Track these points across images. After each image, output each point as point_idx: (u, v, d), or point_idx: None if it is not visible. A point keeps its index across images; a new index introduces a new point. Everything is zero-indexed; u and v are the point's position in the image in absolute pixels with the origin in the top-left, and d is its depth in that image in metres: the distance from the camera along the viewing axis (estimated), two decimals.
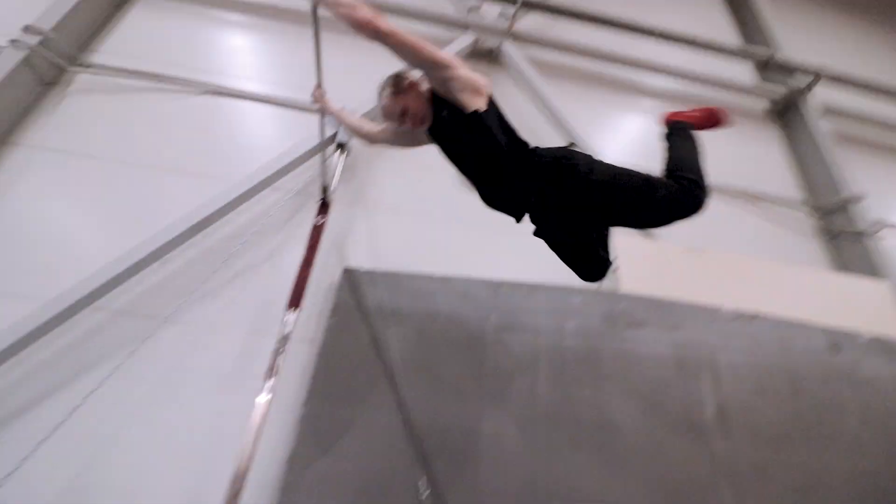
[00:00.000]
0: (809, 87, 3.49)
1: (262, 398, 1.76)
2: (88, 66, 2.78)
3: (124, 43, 2.93)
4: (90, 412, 1.76)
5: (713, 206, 3.00)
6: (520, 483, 1.76)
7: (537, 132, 3.06)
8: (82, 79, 2.75)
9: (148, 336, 1.91)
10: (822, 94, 3.54)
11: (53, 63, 2.68)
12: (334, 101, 1.88)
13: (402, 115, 1.40)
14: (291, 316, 1.96)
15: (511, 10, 3.30)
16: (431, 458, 1.79)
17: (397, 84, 1.42)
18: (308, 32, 1.63)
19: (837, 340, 2.23)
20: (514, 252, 2.58)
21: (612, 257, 1.46)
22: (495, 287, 2.17)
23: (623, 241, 2.45)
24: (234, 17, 3.22)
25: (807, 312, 2.31)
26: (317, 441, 1.79)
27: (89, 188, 2.38)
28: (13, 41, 2.54)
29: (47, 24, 2.64)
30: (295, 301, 2.00)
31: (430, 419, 1.87)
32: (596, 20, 3.36)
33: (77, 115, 2.62)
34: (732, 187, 3.12)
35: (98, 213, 2.32)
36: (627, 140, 3.27)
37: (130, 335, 1.97)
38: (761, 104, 3.71)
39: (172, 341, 2.02)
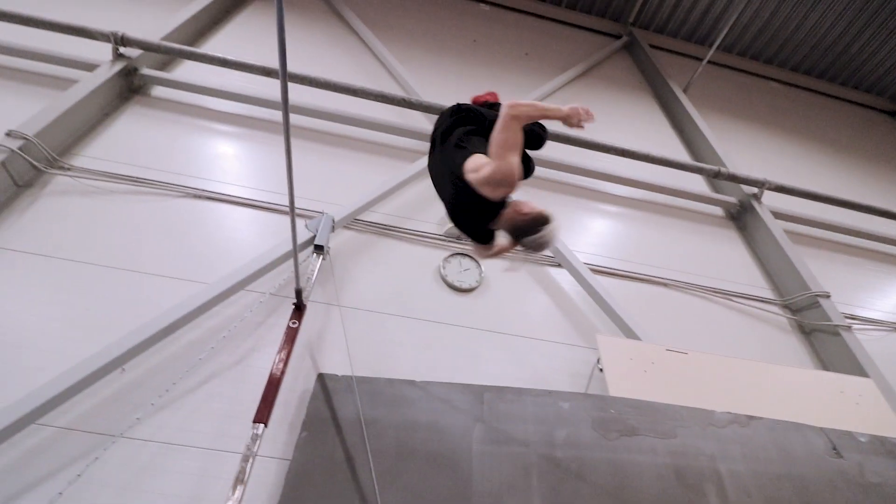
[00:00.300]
0: (757, 195, 3.94)
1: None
2: (67, 168, 2.86)
3: (107, 148, 3.06)
4: None
5: (688, 306, 3.26)
6: None
7: None
8: (59, 181, 2.80)
9: (96, 457, 1.72)
10: (769, 201, 3.98)
11: (31, 165, 2.75)
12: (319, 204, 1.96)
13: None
14: (258, 431, 1.81)
15: None
16: None
17: None
18: (294, 142, 1.76)
19: (837, 442, 2.21)
20: (497, 353, 2.58)
21: None
22: (479, 393, 2.11)
23: (604, 342, 2.50)
24: (216, 125, 3.46)
25: (798, 413, 2.32)
26: None
27: (53, 291, 2.29)
28: None
29: (31, 130, 2.76)
30: (263, 415, 1.86)
31: None
32: (559, 139, 3.78)
33: (49, 216, 2.61)
34: (705, 286, 3.31)
35: (60, 318, 2.20)
36: (591, 240, 3.50)
37: (78, 454, 1.79)
38: (717, 210, 4.12)
39: (124, 461, 1.83)
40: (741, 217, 4.04)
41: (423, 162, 3.42)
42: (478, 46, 5.09)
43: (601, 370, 2.52)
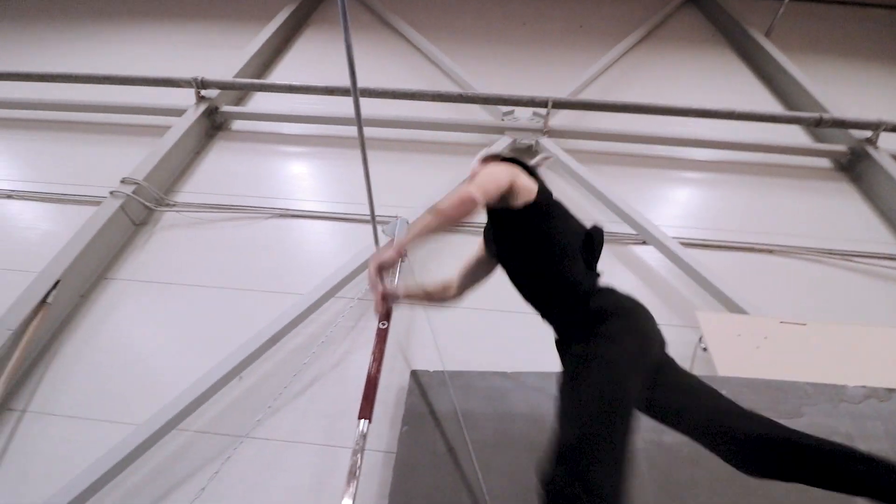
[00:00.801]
0: (871, 139, 3.49)
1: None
2: (173, 205, 3.27)
3: (201, 182, 3.46)
4: None
5: (800, 272, 2.97)
6: None
7: (594, 217, 3.18)
8: (167, 217, 3.22)
9: (228, 456, 1.98)
10: (887, 143, 3.51)
11: (144, 206, 3.18)
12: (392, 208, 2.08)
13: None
14: (363, 427, 1.96)
15: (543, 111, 3.65)
16: None
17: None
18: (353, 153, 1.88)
19: None
20: None
21: None
22: None
23: (706, 318, 2.36)
24: (291, 148, 3.78)
25: None
26: None
27: (174, 314, 2.64)
28: (112, 192, 3.08)
29: (140, 175, 3.20)
30: (366, 411, 2.00)
31: None
32: (628, 109, 3.62)
33: (163, 248, 3.02)
34: (818, 249, 3.00)
35: (181, 336, 2.54)
36: (677, 212, 3.31)
37: (212, 454, 2.07)
38: (822, 162, 3.70)
39: (251, 459, 2.07)
40: (854, 166, 3.59)
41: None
42: (528, 29, 5.02)
43: (705, 349, 2.38)
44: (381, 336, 2.29)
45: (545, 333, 2.54)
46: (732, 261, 2.96)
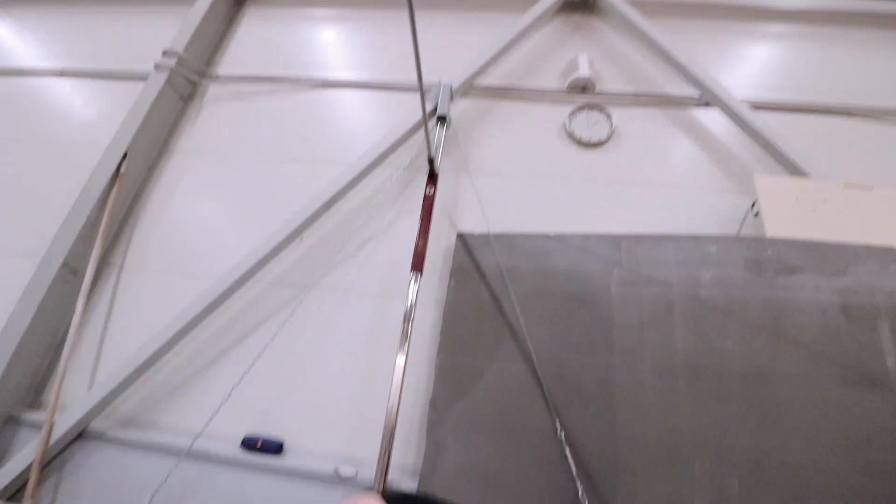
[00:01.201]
0: None
1: (401, 356, 2.03)
2: (215, 77, 3.32)
3: (239, 53, 3.44)
4: (262, 366, 2.21)
5: (881, 136, 2.76)
6: (661, 431, 1.79)
7: (651, 78, 2.98)
8: (211, 91, 3.29)
9: (301, 300, 2.32)
10: None
11: (188, 80, 3.25)
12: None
13: None
14: (416, 278, 2.19)
15: None
16: (564, 405, 1.90)
17: None
18: (395, 15, 1.80)
19: None
20: (635, 204, 2.58)
21: None
22: (616, 241, 2.19)
23: (764, 181, 2.31)
24: (327, 12, 3.59)
25: None
26: (452, 387, 2.01)
27: (232, 184, 2.86)
28: (156, 65, 3.14)
29: (179, 47, 3.21)
30: (417, 264, 2.23)
31: (559, 369, 1.97)
32: None
33: (213, 122, 3.14)
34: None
35: (243, 204, 2.79)
36: (755, 71, 3.02)
37: (284, 301, 2.43)
38: None
39: (318, 305, 2.41)
40: None
41: (537, 11, 3.19)
42: None
43: (756, 215, 2.37)
44: (429, 201, 2.43)
45: (591, 199, 2.62)
46: (805, 124, 2.76)
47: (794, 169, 2.51)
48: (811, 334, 1.88)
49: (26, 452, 2.19)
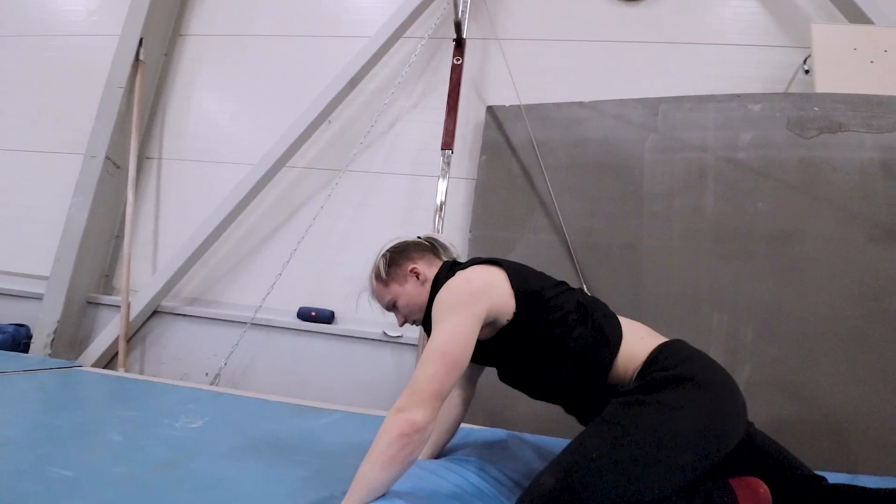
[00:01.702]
0: None
1: (437, 218, 2.20)
2: None
3: None
4: (308, 245, 2.41)
5: None
6: (683, 289, 1.94)
7: None
8: None
9: (336, 182, 2.43)
10: None
11: None
12: None
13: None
14: (447, 156, 2.25)
15: None
16: (592, 270, 2.06)
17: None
18: None
19: None
20: (677, 65, 2.47)
21: None
22: (654, 105, 2.15)
23: (821, 31, 2.16)
24: None
25: None
26: None
27: (250, 63, 2.85)
28: None
29: None
30: (448, 142, 2.27)
31: (588, 237, 2.10)
32: None
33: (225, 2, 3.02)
34: None
35: (266, 86, 2.80)
36: None
37: (321, 185, 2.57)
38: None
39: (353, 187, 2.55)
40: None
41: None
42: None
43: (807, 71, 2.26)
44: (457, 71, 2.38)
45: (630, 60, 2.50)
46: None
47: (858, 16, 2.30)
48: (845, 193, 1.91)
49: (110, 329, 2.56)
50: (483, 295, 0.98)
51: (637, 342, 1.01)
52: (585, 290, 2.01)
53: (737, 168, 2.00)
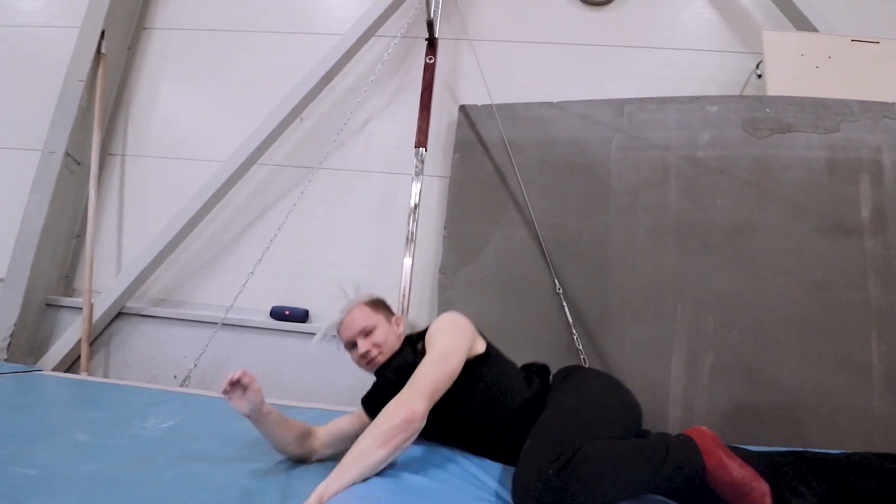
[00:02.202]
0: None
1: (411, 221, 2.24)
2: None
3: None
4: (281, 244, 2.38)
5: None
6: (648, 283, 2.04)
7: None
8: None
9: (309, 180, 2.42)
10: None
11: None
12: None
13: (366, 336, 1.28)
14: (420, 154, 2.28)
15: None
16: (562, 264, 2.13)
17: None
18: None
19: None
20: (640, 67, 2.59)
21: None
22: (619, 106, 2.24)
23: (771, 38, 2.29)
24: None
25: None
26: (460, 254, 2.23)
27: (218, 59, 2.80)
28: None
29: None
30: (421, 140, 2.30)
31: (558, 233, 2.17)
32: None
33: None
34: None
35: (237, 82, 2.76)
36: None
37: (293, 183, 2.56)
38: None
39: (326, 185, 2.55)
40: None
41: None
42: None
43: (759, 76, 2.40)
44: (429, 70, 2.41)
45: (595, 63, 2.59)
46: None
47: (804, 24, 2.47)
48: (795, 189, 2.04)
49: (72, 331, 2.46)
50: (471, 330, 1.25)
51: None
52: (557, 283, 2.08)
53: (697, 166, 2.11)
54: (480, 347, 1.25)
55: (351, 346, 1.27)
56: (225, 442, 1.37)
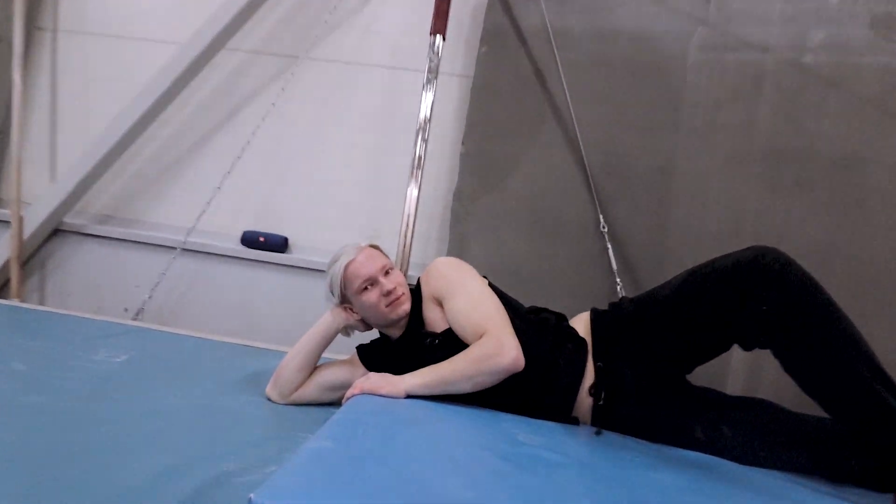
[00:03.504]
0: None
1: (419, 140, 2.03)
2: None
3: None
4: (256, 154, 2.33)
5: None
6: (721, 224, 1.86)
7: None
8: None
9: (292, 73, 2.25)
10: None
11: None
12: None
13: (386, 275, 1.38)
14: (437, 43, 2.18)
15: None
16: (611, 196, 1.97)
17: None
18: None
19: None
20: None
21: None
22: None
23: None
24: None
25: None
26: (480, 178, 2.05)
27: None
28: None
29: None
30: (439, 25, 2.14)
31: (609, 156, 1.95)
32: None
33: None
34: None
35: None
36: None
37: (272, 75, 2.39)
38: None
39: (315, 80, 2.38)
40: None
41: None
42: None
43: None
44: None
45: None
46: None
47: None
48: None
49: (0, 250, 2.54)
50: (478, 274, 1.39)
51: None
52: (602, 220, 2.08)
53: (802, 75, 1.91)
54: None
55: (369, 284, 1.33)
56: (191, 379, 1.43)
